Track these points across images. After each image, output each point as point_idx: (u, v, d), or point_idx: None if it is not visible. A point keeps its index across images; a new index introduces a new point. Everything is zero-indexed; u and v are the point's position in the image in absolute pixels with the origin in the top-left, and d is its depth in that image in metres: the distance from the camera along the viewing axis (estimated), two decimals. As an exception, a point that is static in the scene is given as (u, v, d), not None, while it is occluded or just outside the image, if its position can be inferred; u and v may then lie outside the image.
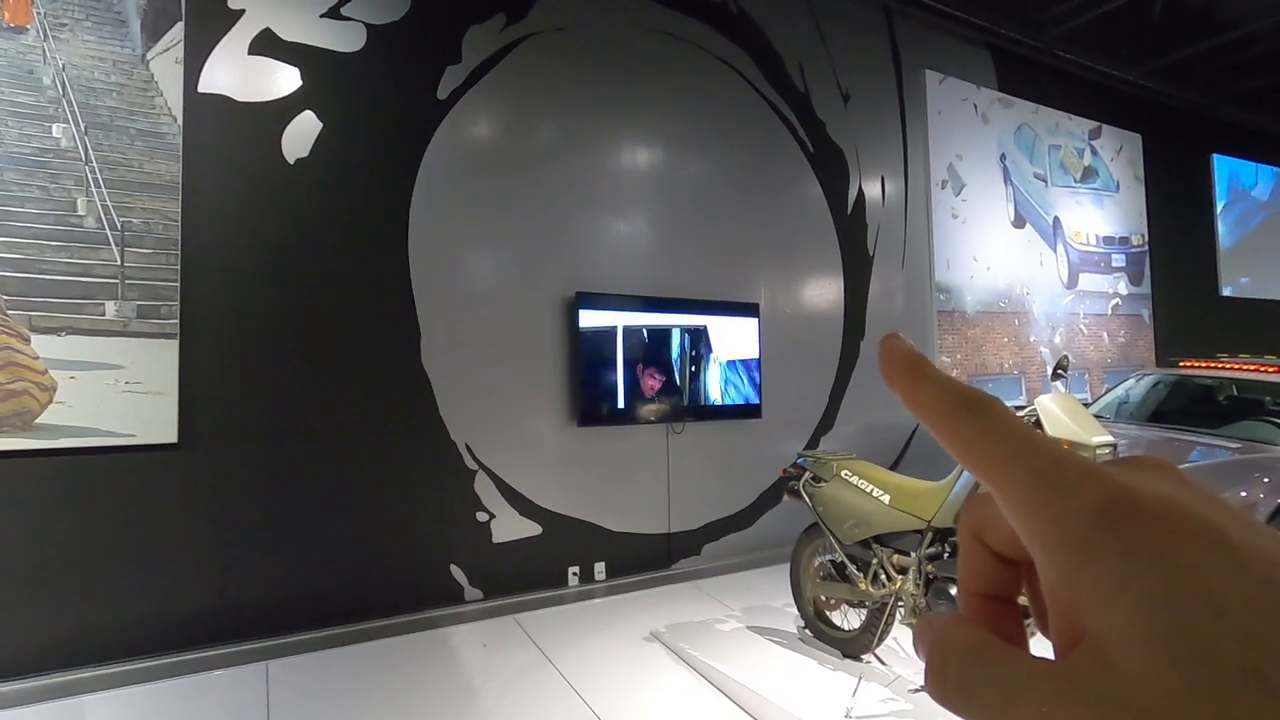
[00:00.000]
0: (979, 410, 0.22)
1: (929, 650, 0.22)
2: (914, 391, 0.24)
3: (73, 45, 2.98)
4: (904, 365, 0.25)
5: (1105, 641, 0.18)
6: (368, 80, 3.54)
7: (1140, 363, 6.95)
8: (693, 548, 4.38)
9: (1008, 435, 0.22)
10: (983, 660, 0.21)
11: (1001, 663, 0.20)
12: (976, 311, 5.88)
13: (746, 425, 4.55)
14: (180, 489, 3.09)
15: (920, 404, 0.24)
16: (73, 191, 2.95)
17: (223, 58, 3.23)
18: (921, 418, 0.24)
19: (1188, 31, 6.30)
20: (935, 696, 0.21)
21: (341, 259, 3.46)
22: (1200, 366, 5.09)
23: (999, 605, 0.25)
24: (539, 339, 3.93)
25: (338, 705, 2.76)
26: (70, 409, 2.89)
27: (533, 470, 3.89)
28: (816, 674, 3.01)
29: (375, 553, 3.47)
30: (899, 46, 5.53)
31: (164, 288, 3.08)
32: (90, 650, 2.89)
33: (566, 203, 4.07)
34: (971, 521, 0.25)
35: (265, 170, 3.30)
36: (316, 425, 3.37)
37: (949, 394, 0.23)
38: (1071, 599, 0.19)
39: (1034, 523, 0.20)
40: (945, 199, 5.73)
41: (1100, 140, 7.03)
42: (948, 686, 0.21)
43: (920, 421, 0.24)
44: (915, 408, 0.24)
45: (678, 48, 4.47)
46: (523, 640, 3.35)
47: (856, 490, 2.93)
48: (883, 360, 0.25)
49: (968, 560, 0.25)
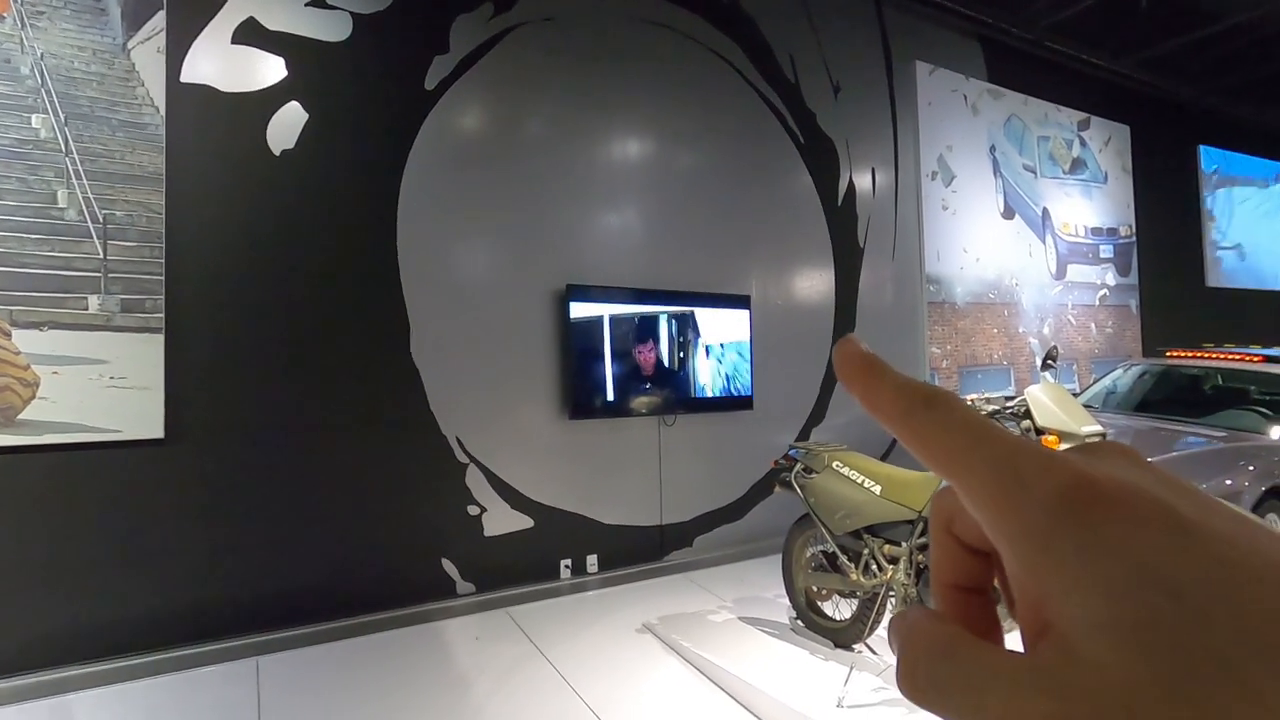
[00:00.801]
0: (934, 405, 0.22)
1: (899, 647, 0.22)
2: (870, 392, 0.24)
3: (51, 34, 2.93)
4: (860, 367, 0.25)
5: (1068, 632, 0.18)
6: (354, 70, 3.49)
7: (1128, 353, 7.00)
8: (685, 539, 4.39)
9: (963, 429, 0.22)
10: (951, 656, 0.21)
11: (970, 658, 0.20)
12: (966, 303, 5.90)
13: (738, 417, 4.55)
14: (167, 485, 3.06)
15: (877, 405, 0.24)
16: (53, 183, 2.90)
17: (206, 47, 3.18)
18: (879, 418, 0.24)
19: (1175, 23, 6.32)
20: (906, 693, 0.21)
21: (329, 251, 3.42)
22: (1186, 356, 5.14)
23: (972, 597, 0.25)
24: (530, 332, 3.91)
25: (329, 701, 2.75)
26: (53, 405, 2.85)
27: (524, 463, 3.87)
28: (808, 664, 3.03)
29: (366, 547, 3.45)
30: (889, 37, 5.52)
31: (148, 281, 3.04)
32: (78, 648, 2.86)
33: (557, 194, 4.05)
34: (941, 513, 0.25)
35: (250, 162, 3.26)
36: (305, 420, 3.34)
37: (904, 392, 0.23)
38: (1035, 590, 0.19)
39: (995, 515, 0.20)
40: (935, 190, 5.74)
41: (1089, 132, 7.06)
42: (917, 683, 0.21)
43: (879, 422, 0.24)
44: (873, 409, 0.24)
45: (668, 38, 4.44)
46: (515, 633, 3.35)
47: (848, 481, 2.94)
48: (838, 364, 0.25)
49: (939, 552, 0.25)
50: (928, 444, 0.22)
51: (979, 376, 5.93)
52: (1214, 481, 3.59)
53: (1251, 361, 4.78)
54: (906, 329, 5.54)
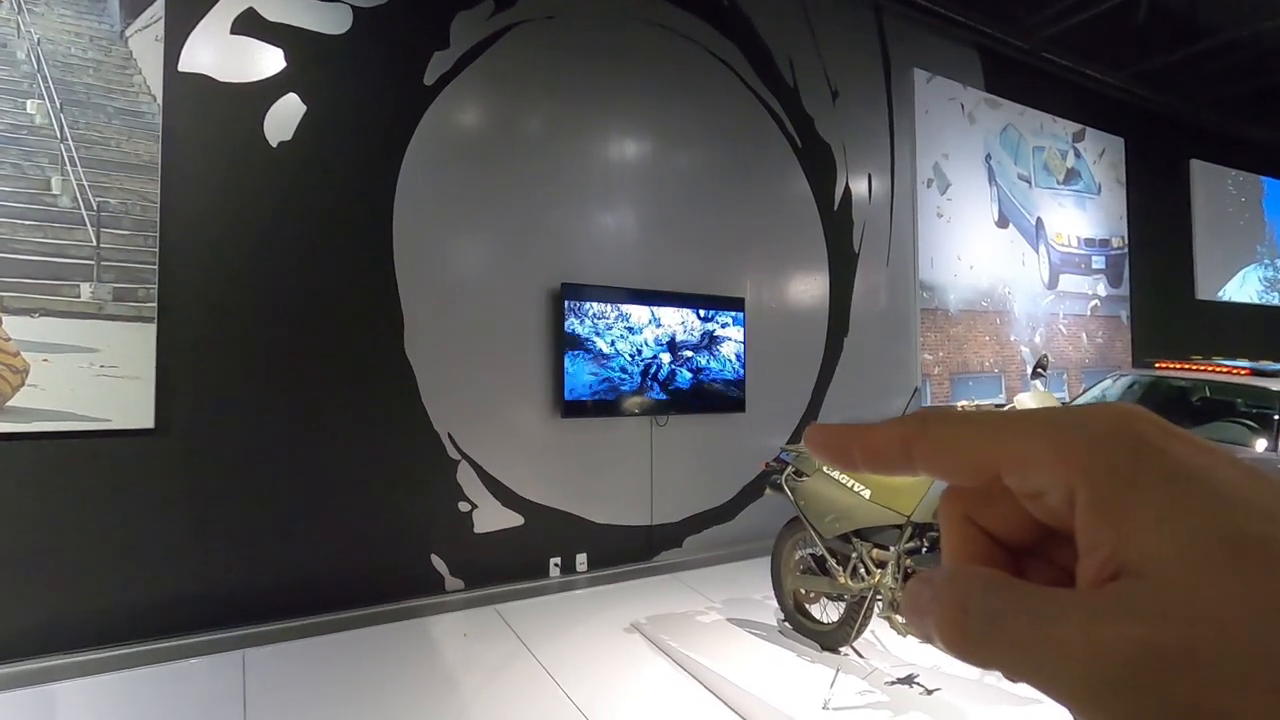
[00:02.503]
0: (933, 417, 0.22)
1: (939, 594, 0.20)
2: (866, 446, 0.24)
3: (48, 20, 2.91)
4: (840, 434, 0.24)
5: (1157, 562, 0.17)
6: (354, 63, 3.48)
7: (1117, 363, 7.06)
8: (675, 540, 4.40)
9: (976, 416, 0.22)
10: (1010, 588, 0.19)
11: (1032, 592, 0.19)
12: (959, 310, 5.94)
13: (730, 419, 4.56)
14: (156, 475, 3.04)
15: (880, 450, 0.23)
16: (47, 170, 2.88)
17: (204, 36, 3.16)
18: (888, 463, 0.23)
19: (1170, 38, 6.38)
20: (953, 642, 0.19)
21: (324, 244, 3.41)
22: (1175, 368, 5.18)
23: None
24: (523, 329, 3.91)
25: (315, 694, 2.75)
26: (43, 392, 2.83)
27: (515, 461, 3.87)
28: (795, 666, 3.04)
29: (355, 541, 3.45)
30: (888, 44, 5.55)
31: (142, 270, 3.02)
32: (64, 637, 2.85)
33: (554, 193, 4.05)
34: (957, 504, 0.23)
35: (247, 153, 3.25)
36: (296, 412, 3.33)
37: (895, 426, 0.23)
38: (1115, 531, 0.18)
39: (1062, 466, 0.19)
40: (931, 197, 5.77)
41: (1084, 143, 7.11)
42: (970, 625, 0.19)
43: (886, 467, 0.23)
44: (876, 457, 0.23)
45: (668, 39, 4.45)
46: (503, 630, 3.35)
47: (838, 485, 2.95)
48: (819, 449, 0.25)
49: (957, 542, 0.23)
50: (951, 445, 0.22)
51: (970, 384, 5.97)
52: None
53: (1238, 374, 4.82)
54: (899, 335, 5.57)
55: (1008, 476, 0.21)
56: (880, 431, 0.23)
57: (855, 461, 0.24)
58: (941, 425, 0.22)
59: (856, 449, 0.24)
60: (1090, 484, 0.19)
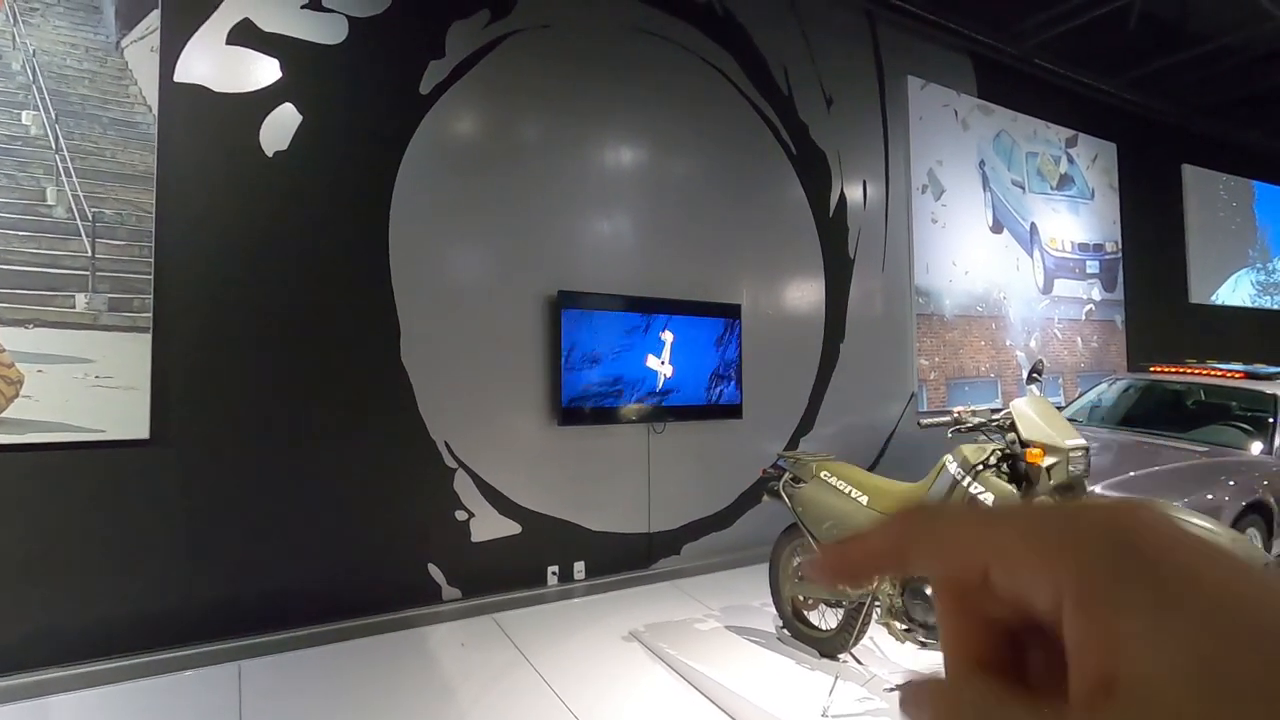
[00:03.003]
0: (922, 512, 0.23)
1: (935, 709, 0.21)
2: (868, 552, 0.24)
3: (44, 30, 2.91)
4: (840, 551, 0.24)
5: (1146, 679, 0.17)
6: (349, 73, 3.49)
7: (1113, 367, 7.09)
8: (672, 547, 4.39)
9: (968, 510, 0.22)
10: (998, 709, 0.19)
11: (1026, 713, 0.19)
12: (954, 315, 5.96)
13: (727, 425, 4.56)
14: (152, 486, 3.03)
15: (881, 554, 0.24)
16: (42, 180, 2.88)
17: (200, 47, 3.17)
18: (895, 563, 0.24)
19: (1162, 44, 6.43)
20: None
21: (320, 254, 3.41)
22: (1170, 372, 5.20)
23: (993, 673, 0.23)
24: (520, 337, 3.91)
25: (312, 706, 2.73)
26: (37, 403, 2.82)
27: (513, 469, 3.87)
28: (794, 673, 3.03)
29: (352, 551, 3.43)
30: (881, 52, 5.59)
31: (137, 280, 3.02)
32: (58, 650, 2.82)
33: (550, 201, 4.06)
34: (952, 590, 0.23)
35: (243, 163, 3.25)
36: (292, 422, 3.32)
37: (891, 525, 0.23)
38: (1103, 638, 0.18)
39: (1049, 564, 0.19)
40: (925, 204, 5.80)
41: (1077, 149, 7.16)
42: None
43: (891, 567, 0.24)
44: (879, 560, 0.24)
45: (663, 48, 4.47)
46: (501, 640, 3.34)
47: (835, 491, 2.95)
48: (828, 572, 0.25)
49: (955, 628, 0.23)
50: (950, 538, 0.22)
51: (966, 388, 5.98)
52: (1195, 496, 3.64)
53: (1233, 378, 4.85)
54: (895, 341, 5.58)
55: (995, 574, 0.21)
56: (877, 538, 0.24)
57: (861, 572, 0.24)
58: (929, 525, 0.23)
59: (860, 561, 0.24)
60: (1077, 587, 0.19)
